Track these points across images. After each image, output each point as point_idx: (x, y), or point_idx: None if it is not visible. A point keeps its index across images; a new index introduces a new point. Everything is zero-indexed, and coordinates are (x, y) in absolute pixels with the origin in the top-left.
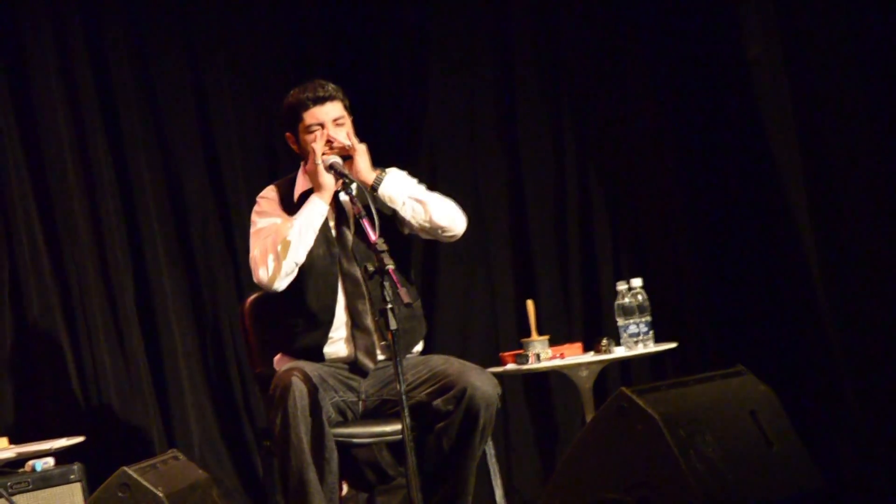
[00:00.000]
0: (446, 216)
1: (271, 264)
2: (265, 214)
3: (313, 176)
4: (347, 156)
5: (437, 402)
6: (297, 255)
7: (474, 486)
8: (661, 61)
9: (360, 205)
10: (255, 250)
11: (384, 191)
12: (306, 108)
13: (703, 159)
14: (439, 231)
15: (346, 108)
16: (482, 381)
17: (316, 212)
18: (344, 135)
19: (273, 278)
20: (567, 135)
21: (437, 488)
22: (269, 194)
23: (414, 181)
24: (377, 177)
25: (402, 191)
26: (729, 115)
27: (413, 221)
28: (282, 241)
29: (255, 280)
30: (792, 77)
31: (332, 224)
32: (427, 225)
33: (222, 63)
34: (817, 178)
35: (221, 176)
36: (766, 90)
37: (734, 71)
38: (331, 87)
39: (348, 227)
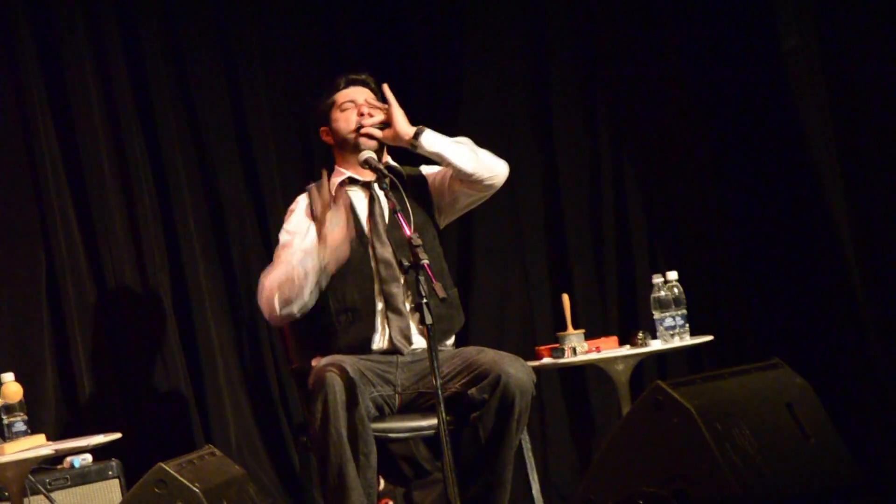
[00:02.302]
0: (490, 157)
1: (272, 303)
2: (288, 232)
3: (320, 226)
4: (386, 124)
5: (472, 391)
6: (303, 292)
7: (511, 476)
8: (697, 54)
9: (394, 199)
10: (263, 279)
11: (425, 140)
12: (339, 89)
13: (739, 152)
14: (485, 172)
15: (377, 97)
16: (516, 369)
17: (311, 262)
18: (377, 114)
19: (271, 317)
20: (602, 128)
21: (474, 479)
22: (296, 207)
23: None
24: (417, 129)
25: (443, 138)
26: (765, 107)
27: (459, 164)
28: (285, 274)
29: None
30: (828, 69)
31: (364, 212)
32: (472, 165)
33: (257, 58)
34: (854, 170)
35: (257, 172)
36: (802, 82)
37: (770, 63)
38: (363, 74)
39: (382, 214)
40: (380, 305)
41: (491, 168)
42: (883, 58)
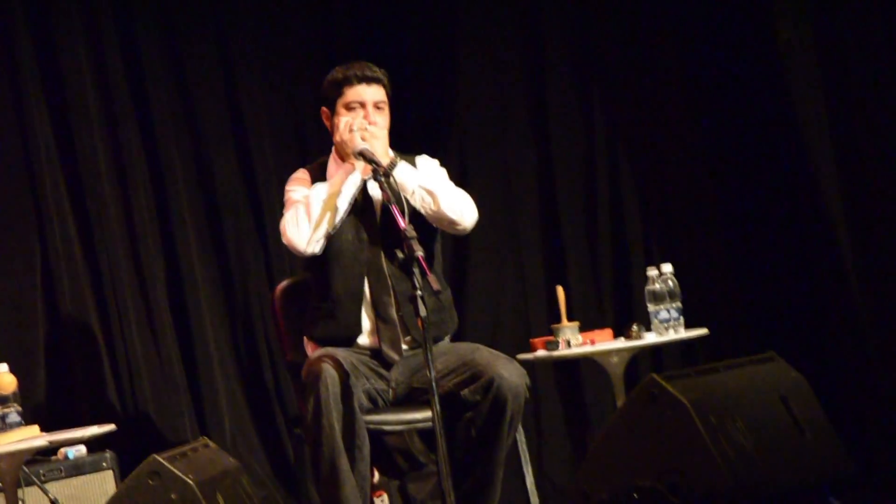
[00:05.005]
0: (455, 208)
1: (303, 226)
2: (298, 188)
3: (349, 144)
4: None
5: (465, 391)
6: (332, 221)
7: (503, 474)
8: (693, 46)
9: (389, 191)
10: (287, 213)
11: (396, 176)
12: (350, 83)
13: (734, 144)
14: (446, 222)
15: (387, 95)
16: (510, 372)
17: (352, 182)
18: (380, 121)
19: (303, 240)
20: (597, 120)
21: (466, 477)
22: (300, 175)
23: (437, 172)
24: (391, 162)
25: (413, 178)
26: (761, 100)
27: (422, 210)
28: (317, 205)
29: (284, 242)
30: (824, 61)
31: (359, 212)
32: (434, 215)
33: (252, 50)
34: (849, 162)
35: (252, 163)
36: (798, 75)
37: (766, 55)
38: (379, 71)
39: (375, 218)
40: (370, 310)
41: (453, 220)
42: (879, 50)
